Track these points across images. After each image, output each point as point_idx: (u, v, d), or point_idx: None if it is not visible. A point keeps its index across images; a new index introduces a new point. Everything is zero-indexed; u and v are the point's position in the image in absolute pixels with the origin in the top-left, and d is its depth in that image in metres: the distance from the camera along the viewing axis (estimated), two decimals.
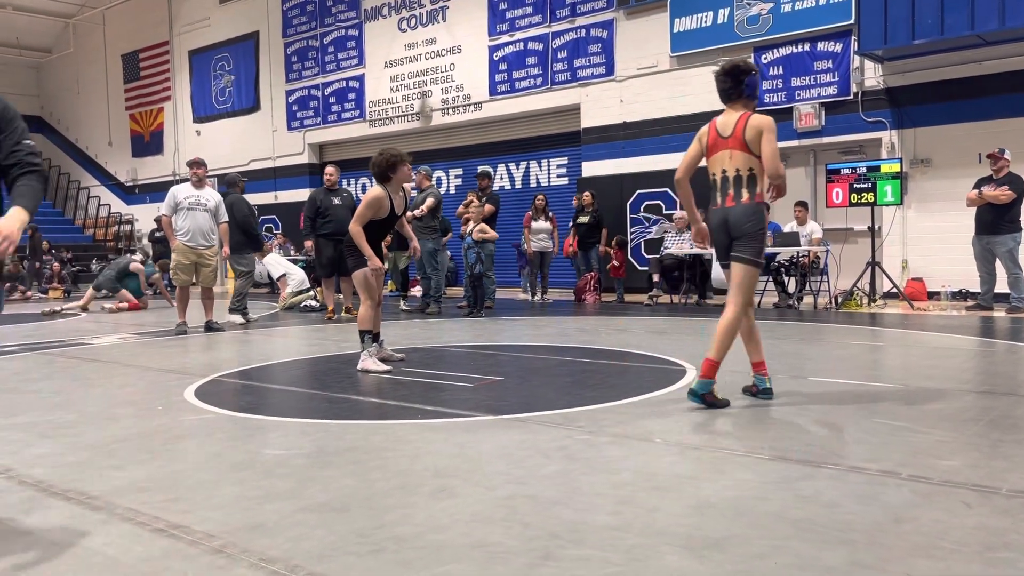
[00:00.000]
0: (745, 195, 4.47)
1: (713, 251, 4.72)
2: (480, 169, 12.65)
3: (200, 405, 4.81)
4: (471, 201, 11.02)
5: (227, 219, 9.55)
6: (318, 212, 10.38)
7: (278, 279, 13.28)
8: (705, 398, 4.31)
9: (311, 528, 2.63)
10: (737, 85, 4.53)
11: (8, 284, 17.40)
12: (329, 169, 10.71)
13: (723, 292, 11.10)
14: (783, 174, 4.39)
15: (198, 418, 4.47)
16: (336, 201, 10.40)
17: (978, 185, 9.72)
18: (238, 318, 10.05)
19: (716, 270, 10.83)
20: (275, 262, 13.50)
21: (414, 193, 10.79)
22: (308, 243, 10.60)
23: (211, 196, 9.38)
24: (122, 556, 2.43)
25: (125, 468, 3.43)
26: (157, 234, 18.87)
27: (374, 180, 6.21)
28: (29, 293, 17.69)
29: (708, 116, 14.34)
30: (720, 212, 4.57)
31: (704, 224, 4.84)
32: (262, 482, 3.17)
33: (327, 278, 10.73)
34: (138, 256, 14.63)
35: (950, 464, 3.20)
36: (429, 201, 10.64)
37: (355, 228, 6.02)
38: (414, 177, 10.74)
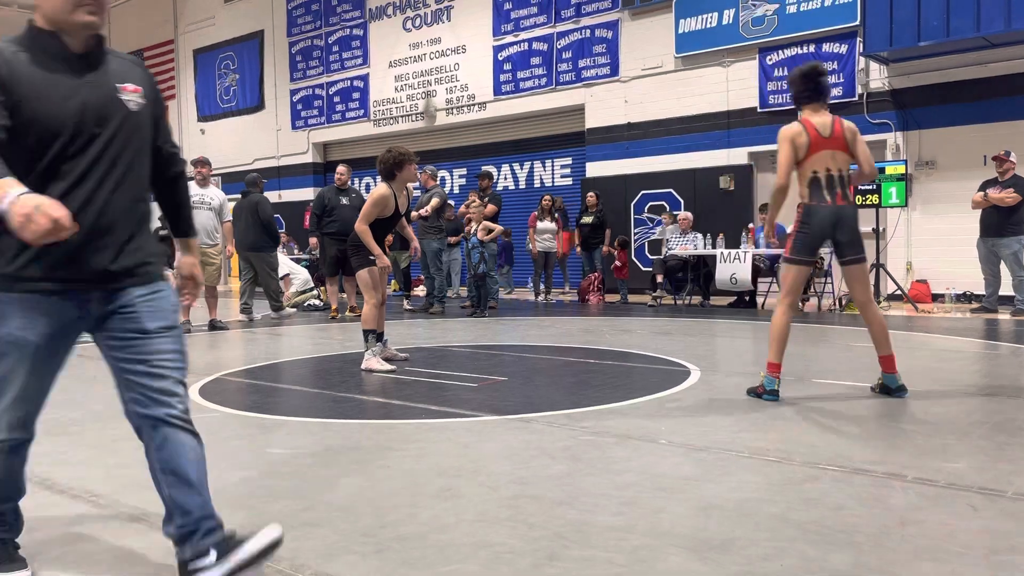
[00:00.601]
0: (849, 195, 4.69)
1: (793, 246, 4.71)
2: (482, 170, 12.67)
3: (205, 404, 4.82)
4: (473, 201, 11.03)
5: (231, 218, 9.57)
6: (325, 210, 10.40)
7: (282, 278, 13.29)
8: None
9: (316, 527, 2.63)
10: (821, 86, 4.77)
11: None
12: (340, 168, 10.72)
13: (725, 293, 11.19)
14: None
15: (202, 417, 4.47)
16: (344, 201, 10.41)
17: (983, 187, 9.69)
18: (288, 310, 10.34)
19: (720, 271, 10.82)
20: (279, 261, 13.51)
21: (417, 193, 10.79)
22: (313, 241, 10.61)
23: (215, 195, 9.39)
24: (128, 554, 2.43)
25: (130, 466, 3.43)
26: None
27: (380, 178, 6.22)
28: None
29: (713, 117, 14.26)
30: (832, 209, 4.63)
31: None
32: (267, 481, 3.18)
33: (331, 277, 10.74)
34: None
35: (956, 467, 3.19)
36: (434, 201, 10.65)
37: (361, 227, 6.04)
38: (419, 177, 10.74)
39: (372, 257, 6.07)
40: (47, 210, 1.76)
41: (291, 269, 13.10)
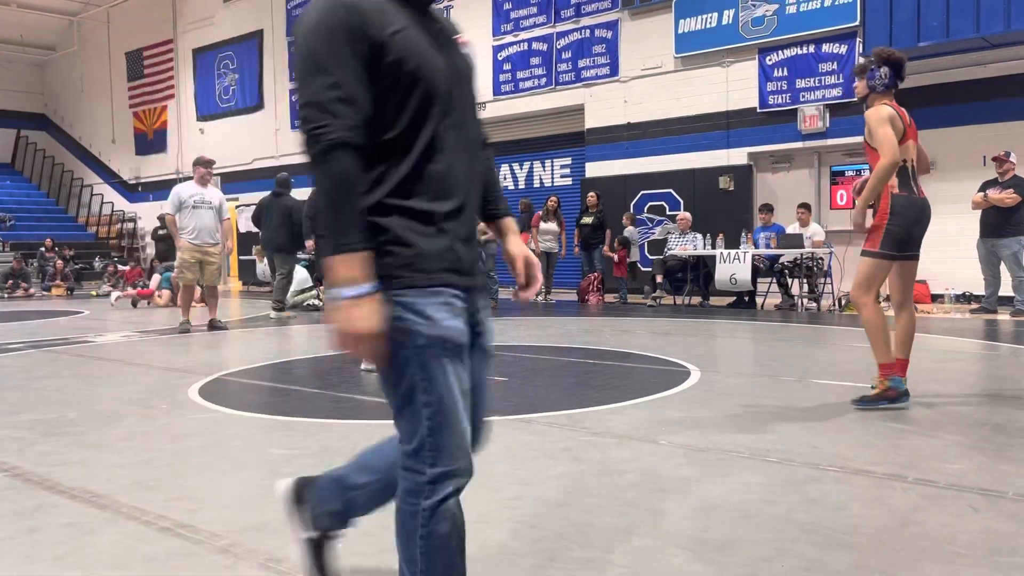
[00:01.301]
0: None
1: (884, 240, 4.36)
2: None
3: (204, 404, 4.81)
4: None
5: (229, 217, 9.58)
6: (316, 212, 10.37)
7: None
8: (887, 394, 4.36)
9: None
10: (903, 75, 4.54)
11: (10, 282, 17.43)
12: None
13: (726, 293, 11.20)
14: None
15: (202, 417, 4.47)
16: None
17: (983, 188, 9.70)
18: (285, 314, 10.35)
19: (720, 271, 10.82)
20: None
21: None
22: (309, 243, 10.65)
23: (215, 195, 9.38)
24: (128, 555, 2.43)
25: (130, 467, 3.44)
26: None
27: None
28: (32, 291, 17.71)
29: (713, 117, 14.24)
30: (923, 203, 4.47)
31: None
32: (267, 481, 3.17)
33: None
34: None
35: (956, 468, 3.20)
36: None
37: None
38: None
39: None
40: (369, 338, 1.50)
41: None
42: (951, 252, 10.91)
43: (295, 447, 3.73)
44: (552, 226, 12.52)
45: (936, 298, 11.05)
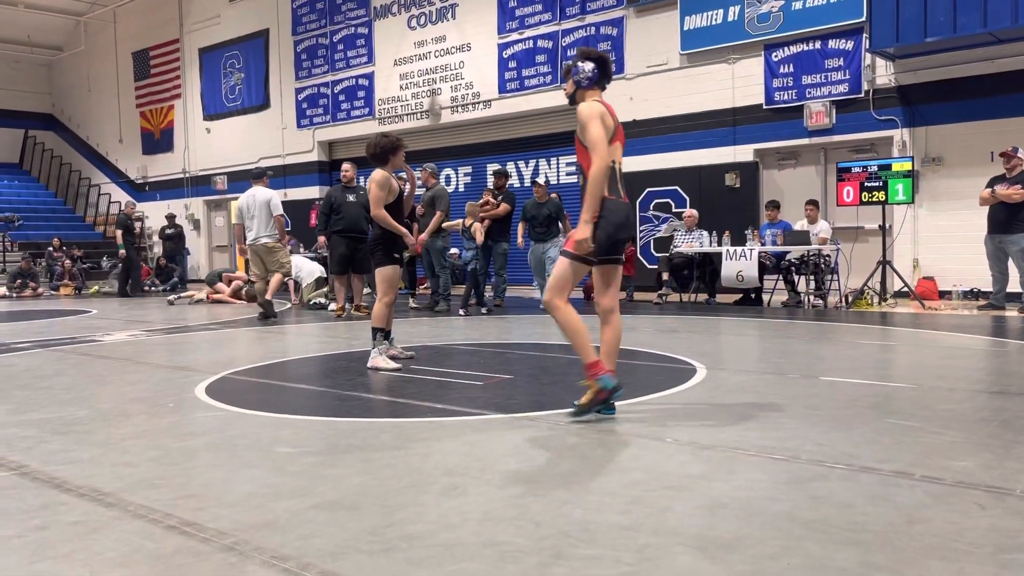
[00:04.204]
0: None
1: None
2: (496, 168, 12.61)
3: (211, 402, 4.83)
4: (487, 201, 10.99)
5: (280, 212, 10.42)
6: (332, 208, 10.42)
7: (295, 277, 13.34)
8: None
9: (322, 526, 2.63)
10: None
11: (19, 281, 17.51)
12: (345, 166, 10.74)
13: (732, 290, 11.17)
14: None
15: (209, 415, 4.48)
16: (351, 198, 10.41)
17: (991, 184, 9.66)
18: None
19: (726, 268, 10.81)
20: (292, 261, 13.58)
21: (420, 190, 10.77)
22: (321, 239, 10.73)
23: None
24: (134, 553, 2.44)
25: (137, 465, 3.45)
26: (168, 231, 18.97)
27: (374, 163, 6.26)
28: (41, 290, 17.78)
29: (718, 114, 14.30)
30: (627, 207, 4.30)
31: None
32: (273, 479, 3.18)
33: (339, 276, 10.75)
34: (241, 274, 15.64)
35: (963, 465, 3.18)
36: (443, 219, 10.53)
37: (378, 212, 6.08)
38: (418, 174, 10.75)
39: (396, 256, 6.09)
40: None
41: (301, 267, 13.11)
42: (959, 248, 10.88)
43: (302, 445, 3.73)
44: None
45: (944, 294, 11.02)
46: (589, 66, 4.31)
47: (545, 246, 10.91)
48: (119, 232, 16.60)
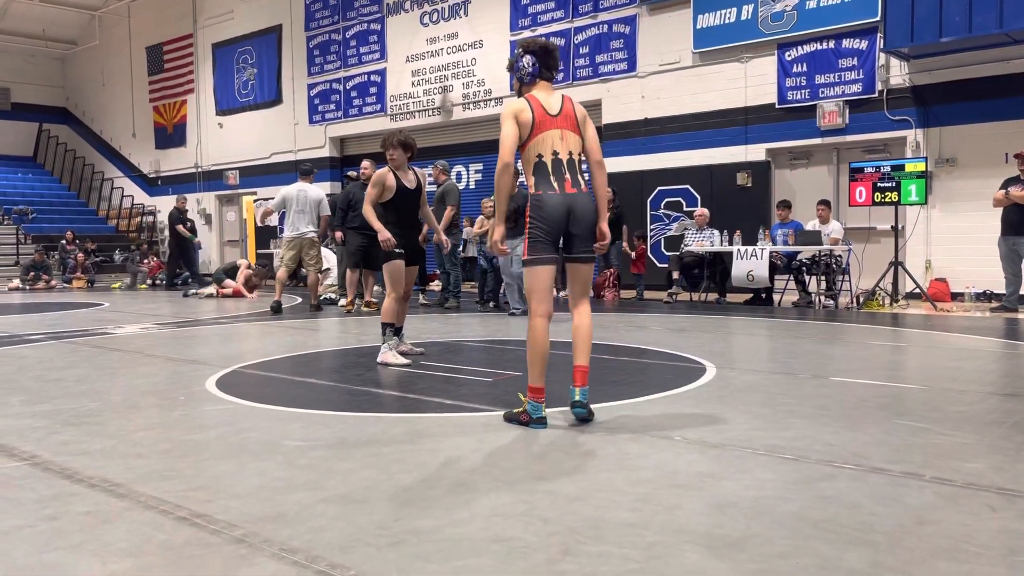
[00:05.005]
0: None
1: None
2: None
3: (221, 396, 4.85)
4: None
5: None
6: (350, 204, 10.49)
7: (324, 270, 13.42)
8: None
9: (331, 519, 2.64)
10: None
11: (32, 274, 17.62)
12: (364, 163, 10.77)
13: (742, 290, 11.13)
14: None
15: (220, 408, 4.50)
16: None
17: (1005, 185, 9.59)
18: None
19: (737, 268, 10.78)
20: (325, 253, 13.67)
21: (432, 188, 10.79)
22: (338, 234, 10.84)
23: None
24: (145, 544, 2.46)
25: (148, 456, 3.47)
26: (176, 226, 19.03)
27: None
28: (54, 283, 17.89)
29: (731, 113, 14.25)
30: (564, 199, 4.08)
31: None
32: (283, 473, 3.20)
33: (353, 270, 10.81)
34: (244, 260, 15.85)
35: (974, 467, 3.17)
36: (448, 212, 10.50)
37: (365, 208, 6.21)
38: (429, 172, 10.78)
39: (398, 251, 6.09)
40: None
41: (328, 259, 13.23)
42: (971, 250, 10.81)
43: (311, 439, 3.75)
44: None
45: (956, 296, 10.95)
46: (527, 60, 4.22)
47: (512, 243, 10.44)
48: (171, 227, 17.27)
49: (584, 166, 4.20)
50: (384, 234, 6.05)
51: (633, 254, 12.69)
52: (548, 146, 4.04)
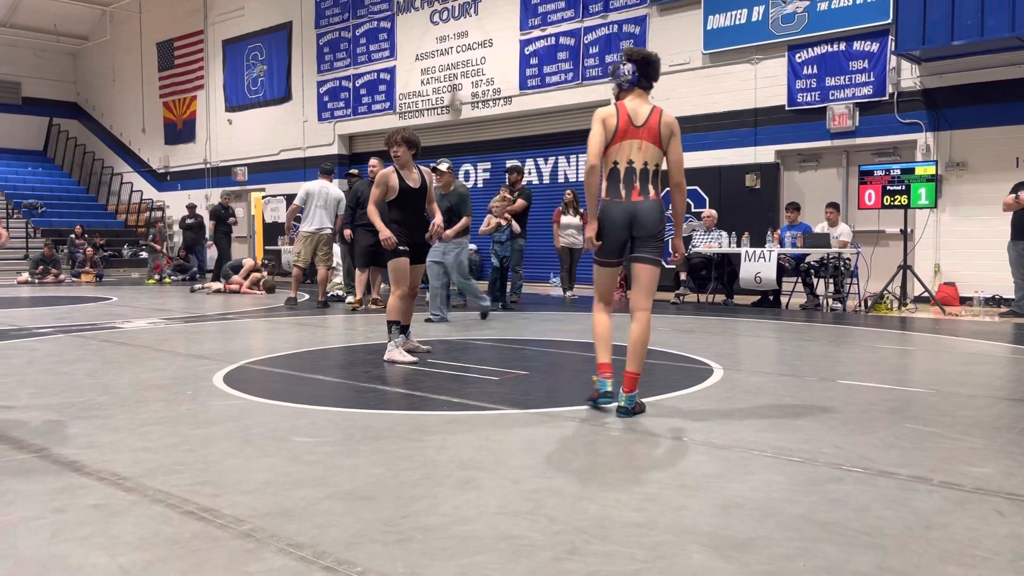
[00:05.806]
0: None
1: None
2: (510, 163, 12.48)
3: (229, 391, 4.86)
4: (504, 197, 10.97)
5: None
6: (359, 203, 10.50)
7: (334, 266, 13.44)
8: None
9: (338, 515, 2.64)
10: None
11: (41, 268, 17.70)
12: (373, 161, 10.78)
13: (750, 292, 11.11)
14: None
15: (227, 404, 4.51)
16: None
17: (1015, 190, 9.55)
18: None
19: (744, 269, 10.76)
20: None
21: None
22: (348, 232, 10.85)
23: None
24: (152, 537, 2.47)
25: (156, 451, 3.48)
26: (188, 221, 19.10)
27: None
28: (62, 276, 17.96)
29: (740, 114, 14.21)
30: (623, 207, 4.45)
31: None
32: (290, 468, 3.20)
33: (362, 268, 10.82)
34: (250, 260, 15.81)
35: (982, 471, 3.16)
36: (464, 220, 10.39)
37: (369, 207, 6.18)
38: (436, 183, 10.74)
39: (401, 248, 6.08)
40: None
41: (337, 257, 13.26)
42: (981, 254, 10.77)
43: (318, 435, 3.76)
44: (574, 219, 12.39)
45: (965, 301, 10.91)
46: (628, 68, 4.37)
47: (460, 241, 9.42)
48: (211, 224, 17.38)
49: (661, 177, 4.52)
50: (385, 232, 6.05)
51: None
52: (625, 154, 4.35)
